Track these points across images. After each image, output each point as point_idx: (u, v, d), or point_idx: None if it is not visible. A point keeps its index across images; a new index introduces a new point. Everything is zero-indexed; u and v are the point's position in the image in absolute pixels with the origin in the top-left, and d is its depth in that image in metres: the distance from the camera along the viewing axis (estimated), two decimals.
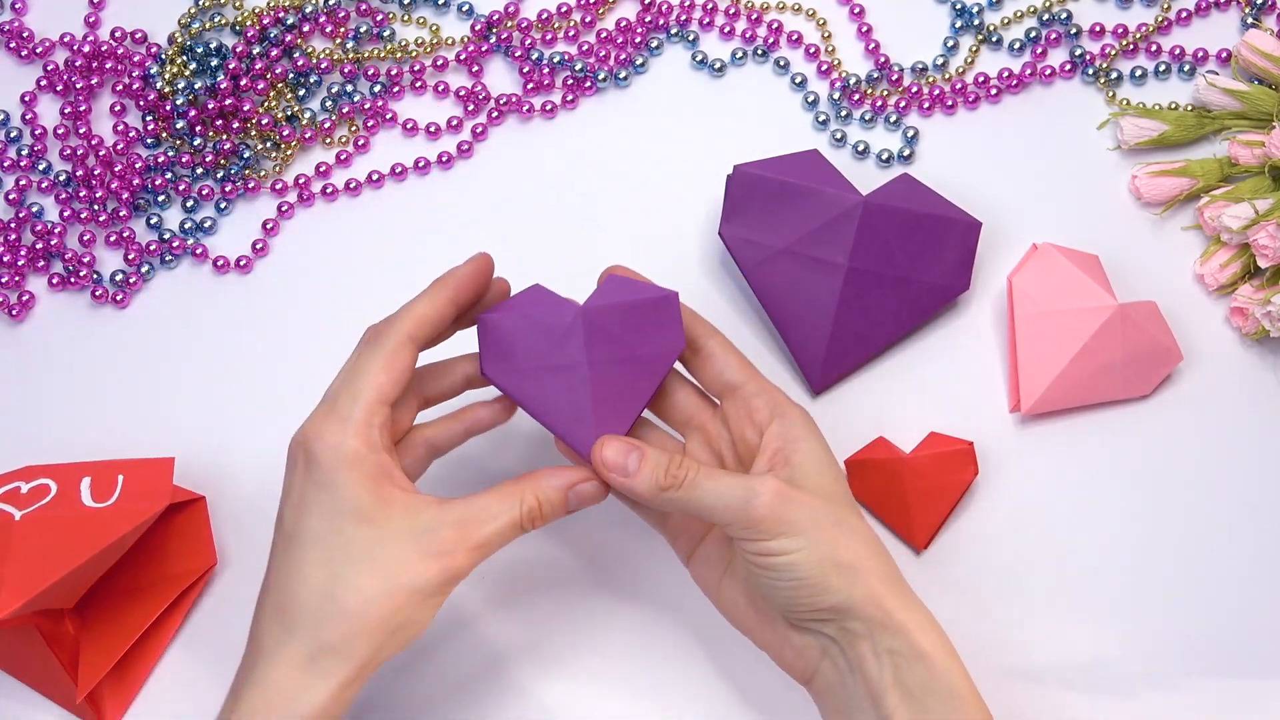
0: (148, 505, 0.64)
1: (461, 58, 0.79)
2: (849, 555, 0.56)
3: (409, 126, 0.78)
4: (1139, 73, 0.78)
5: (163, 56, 0.78)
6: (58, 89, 0.79)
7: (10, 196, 0.77)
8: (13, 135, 0.78)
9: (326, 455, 0.55)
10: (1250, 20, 0.78)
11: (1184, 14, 0.79)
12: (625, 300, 0.60)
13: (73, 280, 0.75)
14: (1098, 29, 0.79)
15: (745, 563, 0.57)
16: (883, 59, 0.78)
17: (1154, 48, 0.79)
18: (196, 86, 0.77)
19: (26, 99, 0.79)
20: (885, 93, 0.78)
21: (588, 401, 0.58)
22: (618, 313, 0.59)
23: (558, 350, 0.59)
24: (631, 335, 0.59)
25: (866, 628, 0.56)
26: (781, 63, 0.79)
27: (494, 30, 0.79)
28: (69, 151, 0.77)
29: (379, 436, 0.56)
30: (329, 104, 0.78)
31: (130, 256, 0.75)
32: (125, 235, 0.76)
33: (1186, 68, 0.78)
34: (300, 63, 0.78)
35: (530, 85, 0.78)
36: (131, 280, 0.75)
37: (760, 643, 0.60)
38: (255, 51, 0.78)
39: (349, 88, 0.79)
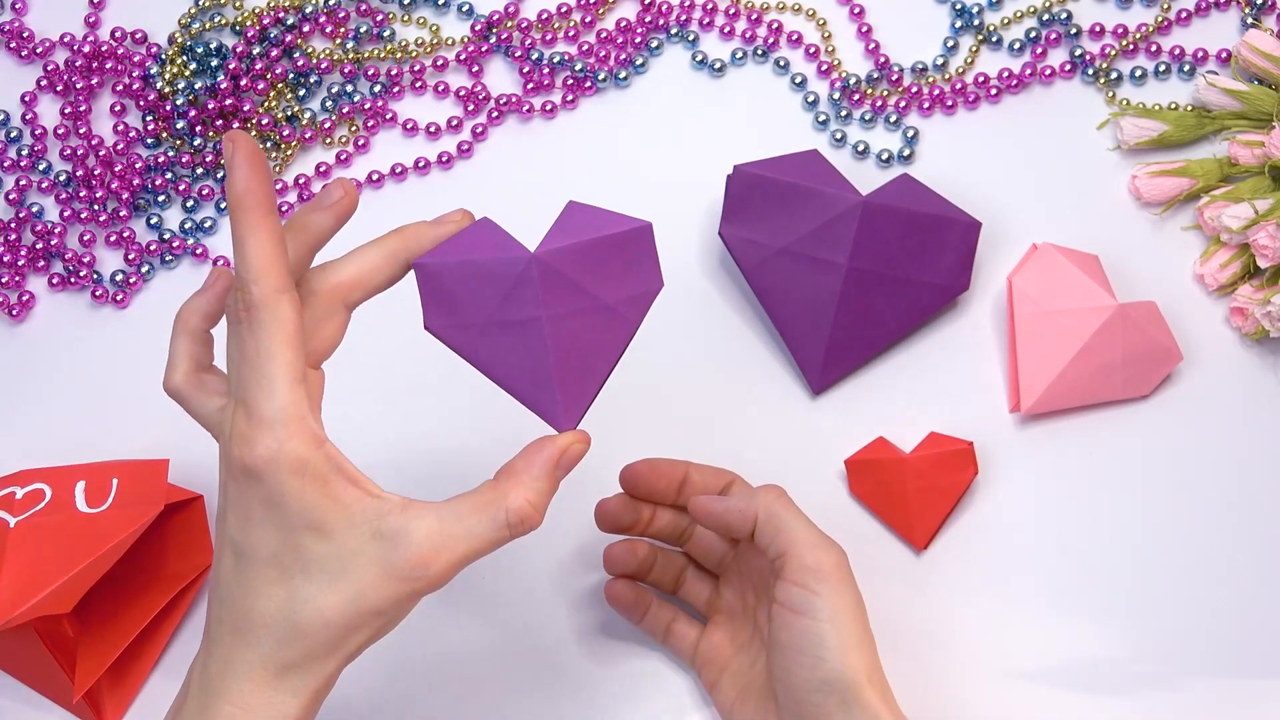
0: (143, 510, 0.63)
1: (461, 58, 0.79)
2: (868, 663, 0.58)
3: (409, 126, 0.78)
4: (1139, 73, 0.78)
5: (163, 56, 0.78)
6: (58, 89, 0.79)
7: (10, 196, 0.77)
8: (13, 135, 0.78)
9: (266, 469, 0.48)
10: (1250, 20, 0.78)
11: (1184, 14, 0.79)
12: (588, 238, 0.51)
13: (73, 280, 0.75)
14: (1098, 29, 0.79)
15: (776, 626, 0.59)
16: (883, 59, 0.78)
17: (1154, 48, 0.79)
18: (196, 86, 0.77)
19: (26, 99, 0.79)
20: (885, 93, 0.78)
21: (549, 362, 0.51)
22: (578, 254, 0.51)
23: (510, 303, 0.50)
24: (597, 280, 0.51)
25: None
26: (781, 63, 0.79)
27: (494, 30, 0.79)
28: (69, 151, 0.77)
29: (312, 416, 0.49)
30: (329, 104, 0.78)
31: (130, 256, 0.75)
32: (125, 235, 0.76)
33: (1186, 68, 0.78)
34: (300, 63, 0.78)
35: (530, 85, 0.78)
36: (131, 280, 0.75)
37: None
38: (255, 51, 0.78)
39: (349, 88, 0.79)
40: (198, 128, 0.77)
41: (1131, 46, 0.79)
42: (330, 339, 0.52)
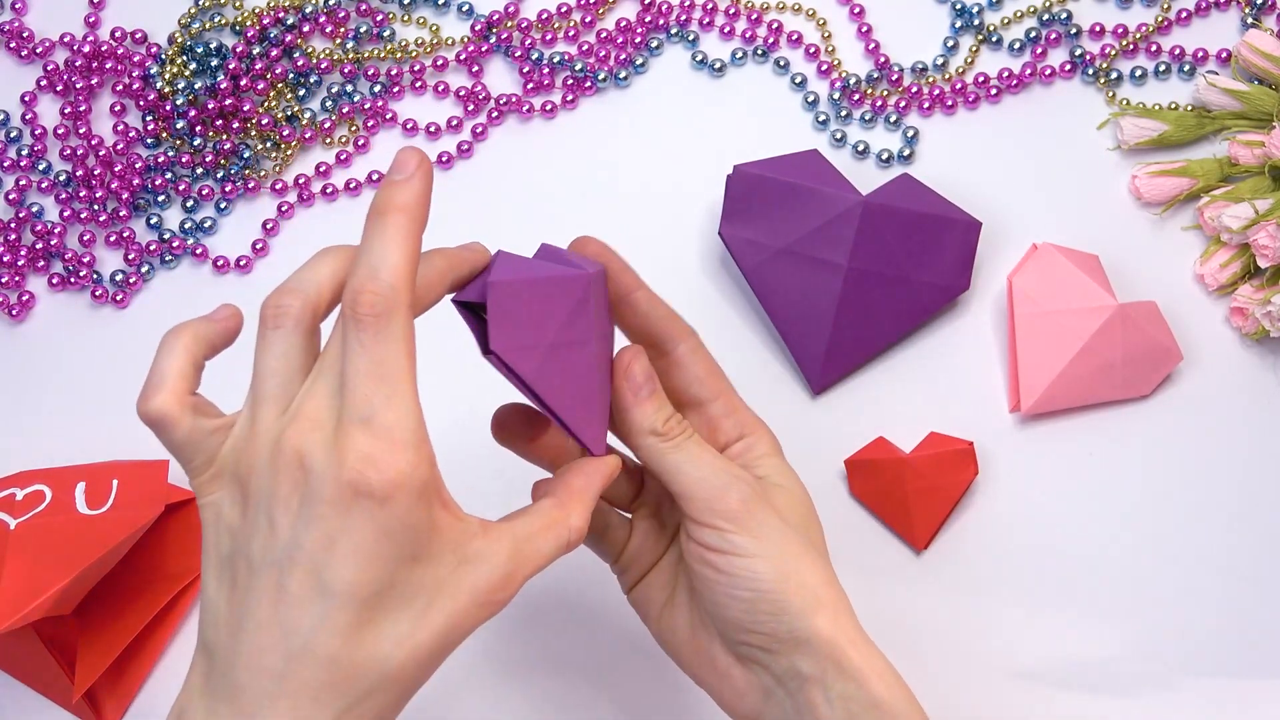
0: (143, 511, 0.63)
1: (461, 58, 0.79)
2: (816, 580, 0.52)
3: (409, 126, 0.78)
4: (1139, 73, 0.78)
5: (163, 56, 0.78)
6: (58, 89, 0.79)
7: (10, 196, 0.77)
8: (13, 135, 0.78)
9: (396, 492, 0.44)
10: (1250, 20, 0.78)
11: (1184, 14, 0.79)
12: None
13: (73, 280, 0.75)
14: (1098, 29, 0.79)
15: (699, 569, 0.52)
16: (883, 59, 0.78)
17: (1154, 48, 0.79)
18: (196, 86, 0.77)
19: (26, 99, 0.79)
20: (885, 93, 0.78)
21: (594, 384, 0.51)
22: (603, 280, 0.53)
23: (570, 323, 0.50)
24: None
25: (819, 669, 0.51)
26: (781, 63, 0.79)
27: (494, 30, 0.79)
28: (69, 151, 0.77)
29: (429, 444, 0.45)
30: (329, 104, 0.78)
31: (130, 256, 0.75)
32: (125, 235, 0.76)
33: (1186, 68, 0.78)
34: (300, 63, 0.78)
35: (530, 85, 0.78)
36: (131, 280, 0.75)
37: (699, 679, 0.55)
38: (255, 51, 0.78)
39: (349, 88, 0.79)
40: (198, 128, 0.77)
41: (1131, 46, 0.79)
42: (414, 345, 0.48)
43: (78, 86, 0.78)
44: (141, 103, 0.77)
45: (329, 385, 0.45)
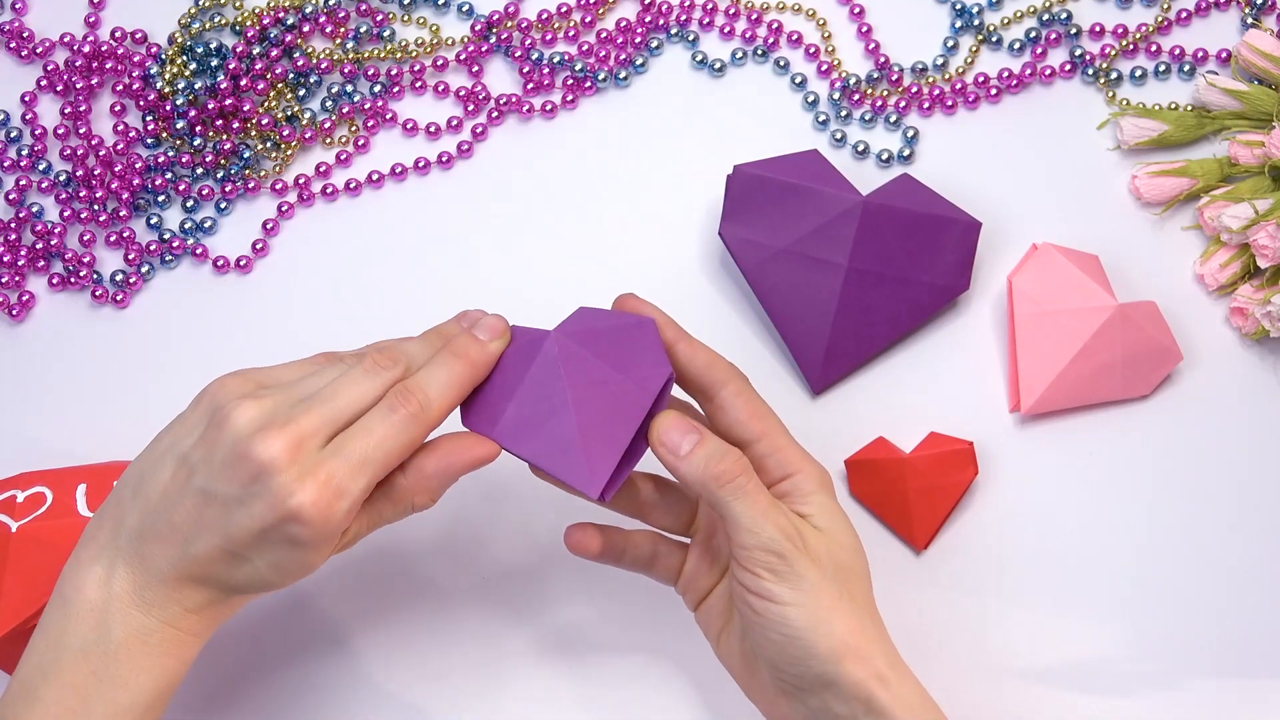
0: None
1: (461, 58, 0.79)
2: (844, 629, 0.54)
3: (409, 126, 0.78)
4: (1139, 73, 0.78)
5: (163, 56, 0.78)
6: (58, 89, 0.79)
7: (10, 196, 0.77)
8: (13, 135, 0.78)
9: (312, 523, 0.52)
10: (1250, 20, 0.78)
11: (1184, 14, 0.79)
12: (599, 325, 0.58)
13: (73, 280, 0.75)
14: (1098, 29, 0.79)
15: (740, 606, 0.56)
16: (883, 59, 0.78)
17: (1154, 48, 0.79)
18: (196, 86, 0.77)
19: (26, 99, 0.79)
20: (885, 93, 0.78)
21: (574, 429, 0.55)
22: (591, 337, 0.57)
23: (540, 387, 0.56)
24: (610, 359, 0.57)
25: (850, 710, 0.54)
26: (781, 63, 0.79)
27: (494, 30, 0.79)
28: (69, 151, 0.77)
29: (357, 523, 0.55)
30: (329, 104, 0.78)
31: (130, 256, 0.75)
32: (125, 235, 0.76)
33: (1186, 68, 0.78)
34: (300, 63, 0.78)
35: (530, 85, 0.78)
36: (131, 280, 0.75)
37: (753, 700, 0.59)
38: (255, 51, 0.78)
39: (349, 88, 0.79)
40: (198, 128, 0.77)
41: (1131, 46, 0.79)
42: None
43: (78, 86, 0.78)
44: (141, 103, 0.77)
45: (330, 416, 0.53)
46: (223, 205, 0.77)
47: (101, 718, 0.52)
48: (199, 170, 0.77)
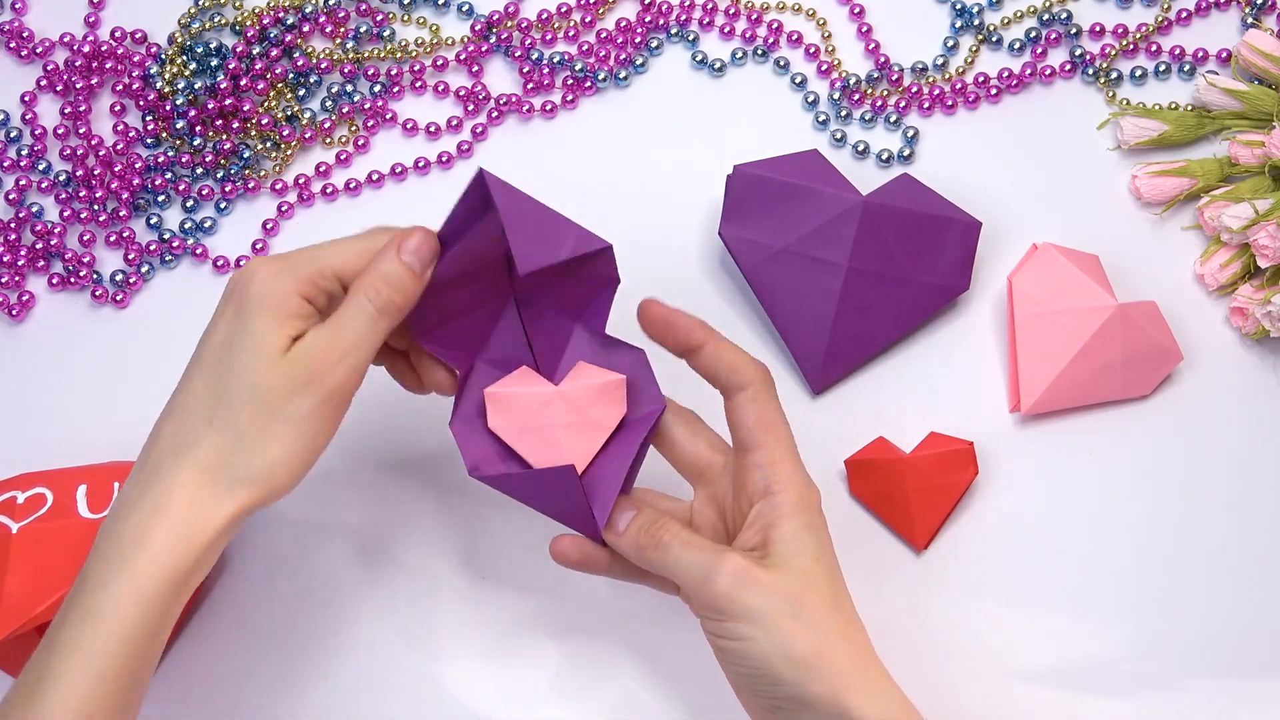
0: None
1: (461, 58, 0.79)
2: (804, 649, 0.54)
3: (409, 126, 0.78)
4: (1139, 73, 0.78)
5: (163, 56, 0.78)
6: (58, 89, 0.79)
7: (10, 196, 0.77)
8: (13, 135, 0.78)
9: (256, 295, 0.55)
10: (1250, 20, 0.78)
11: (1184, 14, 0.79)
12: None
13: (73, 280, 0.75)
14: (1098, 29, 0.79)
15: (709, 643, 0.57)
16: (883, 59, 0.78)
17: (1154, 48, 0.79)
18: (196, 86, 0.77)
19: (26, 99, 0.79)
20: (885, 93, 0.78)
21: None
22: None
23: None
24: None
25: None
26: (781, 63, 0.79)
27: (494, 30, 0.79)
28: (69, 151, 0.77)
29: (319, 299, 0.56)
30: (329, 104, 0.78)
31: (130, 256, 0.75)
32: (125, 235, 0.76)
33: (1186, 68, 0.78)
34: (300, 63, 0.78)
35: (530, 85, 0.78)
36: (131, 280, 0.75)
37: (752, 715, 0.60)
38: (255, 51, 0.78)
39: (349, 88, 0.79)
40: (198, 128, 0.77)
41: (1131, 46, 0.79)
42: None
43: (78, 86, 0.78)
44: (141, 103, 0.77)
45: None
46: (223, 205, 0.77)
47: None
48: (199, 170, 0.77)
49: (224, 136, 0.77)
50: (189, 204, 0.76)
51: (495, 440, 0.59)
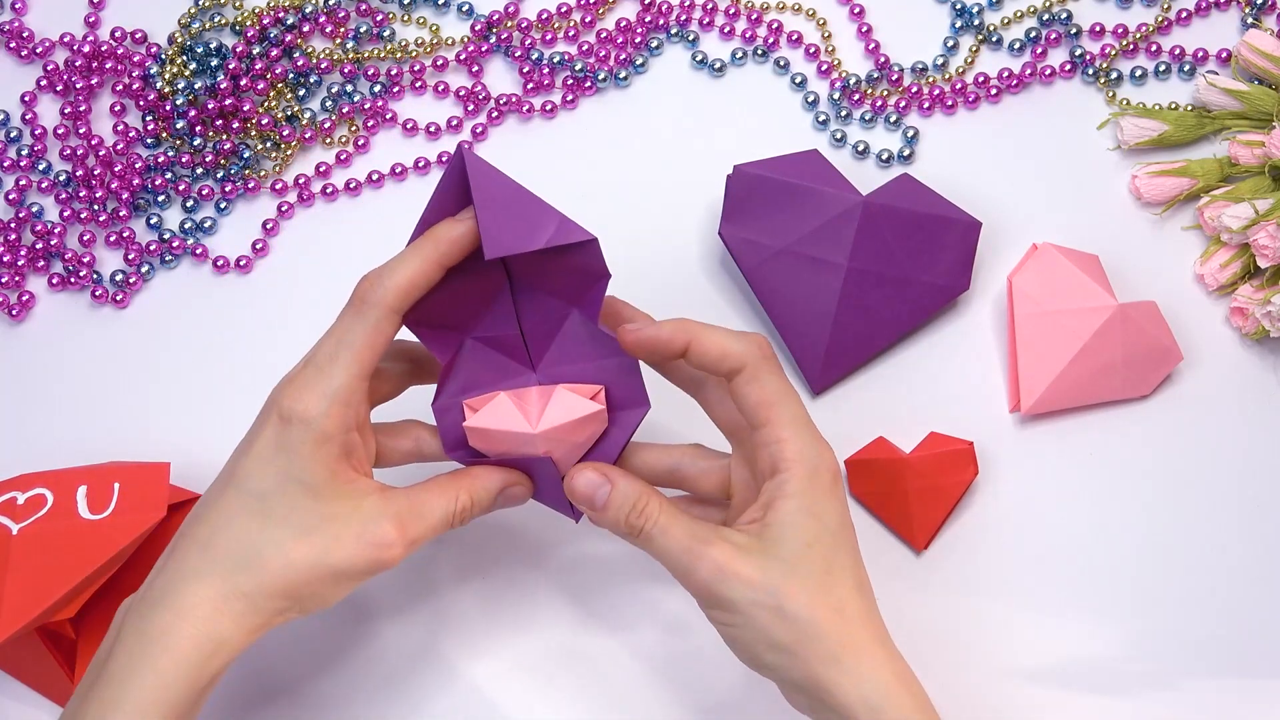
0: (145, 516, 0.63)
1: (461, 58, 0.79)
2: (784, 638, 0.54)
3: (409, 126, 0.78)
4: (1139, 73, 0.78)
5: (163, 56, 0.78)
6: (58, 89, 0.79)
7: (10, 196, 0.77)
8: (13, 135, 0.78)
9: (299, 425, 0.54)
10: (1250, 20, 0.78)
11: (1184, 14, 0.79)
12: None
13: (73, 280, 0.75)
14: (1098, 29, 0.79)
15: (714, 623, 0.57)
16: (883, 59, 0.78)
17: (1154, 48, 0.79)
18: (196, 86, 0.77)
19: (26, 99, 0.79)
20: (885, 93, 0.78)
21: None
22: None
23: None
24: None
25: (810, 703, 0.55)
26: (781, 63, 0.79)
27: (494, 30, 0.79)
28: (69, 151, 0.77)
29: (354, 413, 0.56)
30: (329, 104, 0.78)
31: (130, 256, 0.75)
32: (125, 235, 0.76)
33: (1186, 68, 0.78)
34: (300, 63, 0.78)
35: (530, 85, 0.78)
36: (131, 280, 0.75)
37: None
38: (255, 51, 0.78)
39: (349, 88, 0.79)
40: (198, 128, 0.77)
41: (1131, 46, 0.79)
42: (385, 343, 0.57)
43: (78, 86, 0.78)
44: (141, 103, 0.77)
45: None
46: (223, 205, 0.77)
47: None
48: (199, 170, 0.77)
49: (224, 136, 0.77)
50: (189, 204, 0.76)
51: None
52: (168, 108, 0.76)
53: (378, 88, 0.79)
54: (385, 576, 0.58)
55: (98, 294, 0.75)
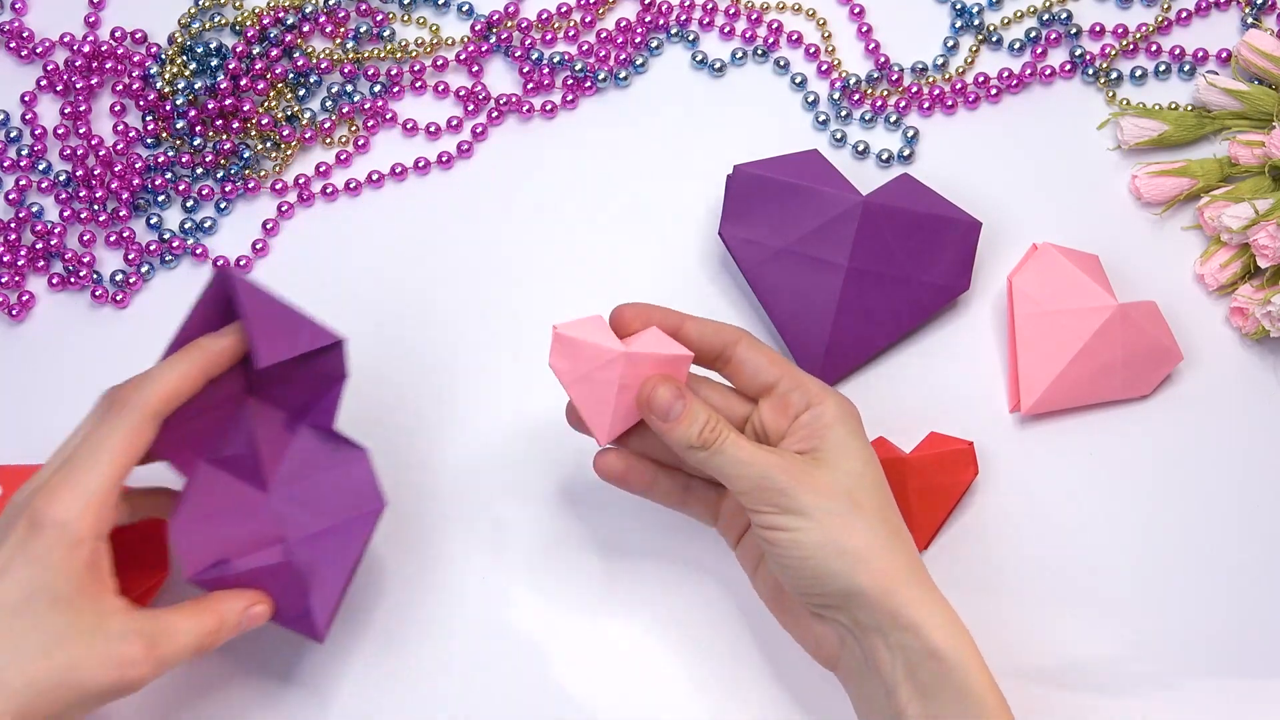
0: None
1: (461, 58, 0.79)
2: (855, 543, 0.57)
3: (409, 126, 0.78)
4: (1139, 73, 0.78)
5: (163, 56, 0.78)
6: (58, 89, 0.79)
7: (10, 196, 0.77)
8: (13, 135, 0.78)
9: (52, 530, 0.53)
10: (1250, 20, 0.78)
11: (1184, 14, 0.79)
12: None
13: (73, 280, 0.75)
14: (1098, 29, 0.79)
15: (760, 543, 0.59)
16: (883, 59, 0.78)
17: (1154, 48, 0.79)
18: (196, 86, 0.77)
19: (26, 99, 0.79)
20: (885, 93, 0.78)
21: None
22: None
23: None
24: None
25: (876, 620, 0.56)
26: (781, 63, 0.79)
27: (494, 30, 0.79)
28: (69, 151, 0.77)
29: (107, 519, 0.55)
30: (329, 104, 0.78)
31: (130, 256, 0.75)
32: (125, 235, 0.76)
33: (1186, 68, 0.78)
34: (300, 63, 0.78)
35: (530, 85, 0.78)
36: (131, 280, 0.75)
37: (788, 627, 0.62)
38: (255, 51, 0.78)
39: (349, 88, 0.79)
40: (198, 128, 0.77)
41: (1131, 46, 0.79)
42: (143, 448, 0.56)
43: (78, 86, 0.78)
44: (141, 103, 0.77)
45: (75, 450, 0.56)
46: (223, 205, 0.77)
47: None
48: (199, 170, 0.77)
49: (224, 136, 0.77)
50: (189, 204, 0.76)
51: (217, 543, 0.59)
52: (168, 108, 0.76)
53: (378, 88, 0.79)
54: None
55: (98, 294, 0.75)
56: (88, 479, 0.54)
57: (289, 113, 0.78)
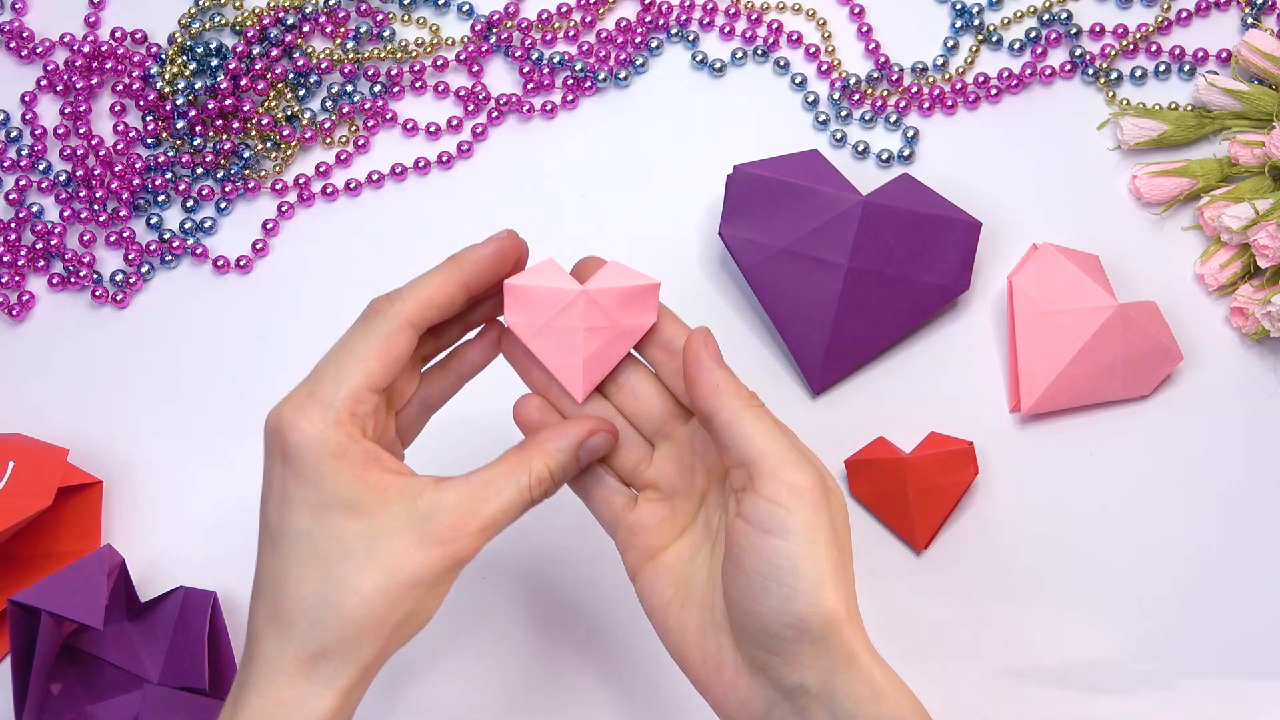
0: (31, 502, 0.64)
1: (461, 58, 0.79)
2: (831, 570, 0.50)
3: (409, 126, 0.78)
4: (1139, 73, 0.78)
5: (163, 56, 0.78)
6: (58, 89, 0.79)
7: (10, 196, 0.77)
8: (13, 135, 0.78)
9: (305, 447, 0.50)
10: (1250, 20, 0.78)
11: (1184, 14, 0.79)
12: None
13: (73, 280, 0.75)
14: (1098, 29, 0.79)
15: (736, 538, 0.50)
16: (883, 59, 0.78)
17: (1154, 48, 0.79)
18: (196, 86, 0.77)
19: (26, 99, 0.79)
20: (885, 93, 0.78)
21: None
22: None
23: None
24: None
25: (829, 679, 0.49)
26: (781, 63, 0.79)
27: (494, 30, 0.79)
28: (69, 151, 0.77)
29: (366, 425, 0.51)
30: (329, 104, 0.78)
31: (130, 256, 0.75)
32: (125, 235, 0.76)
33: (1186, 68, 0.78)
34: (300, 63, 0.78)
35: (530, 85, 0.78)
36: (131, 280, 0.75)
37: (700, 680, 0.53)
38: (255, 51, 0.78)
39: (349, 88, 0.79)
40: (198, 128, 0.77)
41: (1131, 46, 0.79)
42: (400, 359, 0.52)
43: (78, 86, 0.78)
44: (141, 103, 0.77)
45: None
46: (223, 205, 0.77)
47: None
48: (199, 170, 0.77)
49: (224, 136, 0.77)
50: (189, 204, 0.76)
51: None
52: (168, 108, 0.76)
53: (378, 88, 0.79)
54: None
55: (98, 294, 0.75)
56: (330, 391, 0.50)
57: (289, 113, 0.78)
